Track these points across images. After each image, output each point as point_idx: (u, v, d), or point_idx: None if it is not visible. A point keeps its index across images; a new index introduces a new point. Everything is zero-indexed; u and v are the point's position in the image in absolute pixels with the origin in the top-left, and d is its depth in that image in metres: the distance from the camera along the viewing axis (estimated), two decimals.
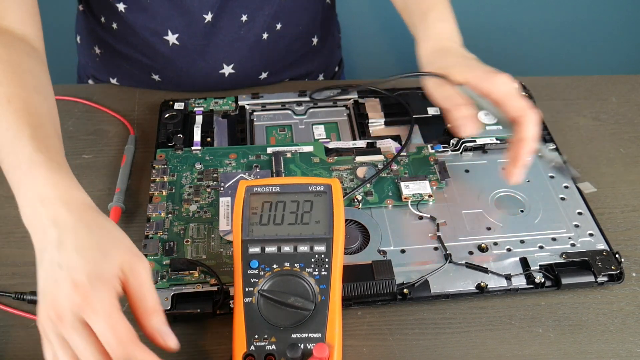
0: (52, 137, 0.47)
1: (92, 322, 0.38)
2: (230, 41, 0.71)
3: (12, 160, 0.44)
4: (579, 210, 0.58)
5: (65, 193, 0.42)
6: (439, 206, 0.58)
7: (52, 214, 0.41)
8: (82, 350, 0.38)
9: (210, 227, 0.55)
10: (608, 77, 0.76)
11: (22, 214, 0.43)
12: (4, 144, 0.45)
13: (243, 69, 0.74)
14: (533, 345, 0.49)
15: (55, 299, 0.38)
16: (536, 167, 0.62)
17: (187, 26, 0.69)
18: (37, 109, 0.48)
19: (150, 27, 0.69)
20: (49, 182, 0.42)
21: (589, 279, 0.52)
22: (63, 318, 0.38)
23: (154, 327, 0.41)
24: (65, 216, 0.41)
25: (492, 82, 0.55)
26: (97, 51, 0.76)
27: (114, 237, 0.42)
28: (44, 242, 0.41)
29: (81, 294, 0.38)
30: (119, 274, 0.40)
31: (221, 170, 0.60)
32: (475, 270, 0.52)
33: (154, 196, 0.58)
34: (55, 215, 0.41)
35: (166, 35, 0.69)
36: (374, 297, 0.50)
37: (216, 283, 0.50)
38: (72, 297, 0.38)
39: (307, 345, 0.43)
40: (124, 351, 0.37)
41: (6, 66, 0.49)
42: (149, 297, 0.41)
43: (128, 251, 0.41)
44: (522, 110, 0.53)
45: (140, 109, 0.70)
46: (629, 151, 0.67)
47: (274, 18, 0.72)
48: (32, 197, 0.42)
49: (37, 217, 0.42)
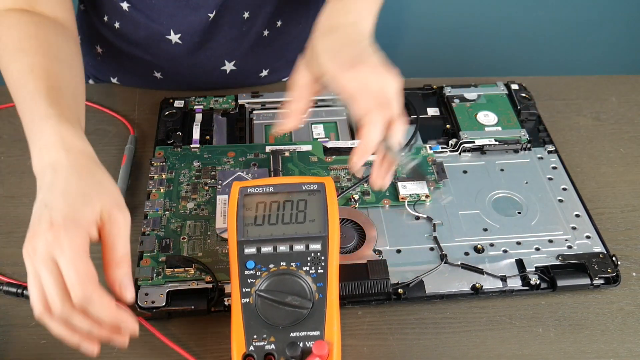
0: (67, 97, 0.50)
1: (59, 260, 0.40)
2: (232, 38, 0.72)
3: (28, 117, 0.48)
4: (577, 213, 0.58)
5: (68, 141, 0.45)
6: (435, 207, 0.58)
7: (53, 159, 0.44)
8: (46, 283, 0.40)
9: (207, 225, 0.55)
10: (608, 77, 0.76)
11: (32, 163, 0.46)
12: (23, 104, 0.49)
13: (244, 66, 0.75)
14: (533, 345, 0.49)
15: (34, 234, 0.41)
16: (534, 168, 0.62)
17: (191, 24, 0.69)
18: (57, 74, 0.51)
19: (153, 26, 0.69)
20: (54, 131, 0.45)
21: (584, 281, 0.52)
22: (36, 252, 0.40)
23: (116, 277, 0.42)
24: (63, 161, 0.44)
25: (349, 75, 0.47)
26: (99, 50, 0.76)
27: (101, 186, 0.44)
28: (41, 184, 0.44)
29: (54, 233, 0.40)
30: (96, 220, 0.42)
31: (219, 168, 0.61)
32: (470, 271, 0.52)
33: (152, 193, 0.58)
34: (55, 160, 0.44)
35: (169, 35, 0.70)
36: (368, 297, 0.50)
37: (211, 280, 0.51)
38: (46, 234, 0.40)
39: (306, 344, 0.44)
40: (82, 291, 0.40)
41: (34, 40, 0.52)
42: (120, 247, 0.43)
43: (111, 200, 0.43)
44: (365, 110, 0.47)
45: (141, 109, 0.70)
46: (629, 151, 0.66)
47: (275, 15, 0.72)
48: (40, 146, 0.45)
49: (40, 163, 0.45)
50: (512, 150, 0.64)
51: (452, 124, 0.66)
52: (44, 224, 0.41)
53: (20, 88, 0.50)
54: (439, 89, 0.70)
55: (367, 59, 0.49)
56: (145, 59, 0.74)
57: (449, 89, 0.69)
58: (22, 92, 0.49)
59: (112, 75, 0.77)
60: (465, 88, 0.70)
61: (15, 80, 0.50)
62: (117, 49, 0.74)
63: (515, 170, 0.62)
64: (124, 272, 0.43)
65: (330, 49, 0.50)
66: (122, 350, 0.48)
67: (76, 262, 0.40)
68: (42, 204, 0.42)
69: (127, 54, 0.74)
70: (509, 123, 0.65)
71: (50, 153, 0.44)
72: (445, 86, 0.70)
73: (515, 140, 0.64)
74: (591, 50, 1.27)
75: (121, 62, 0.75)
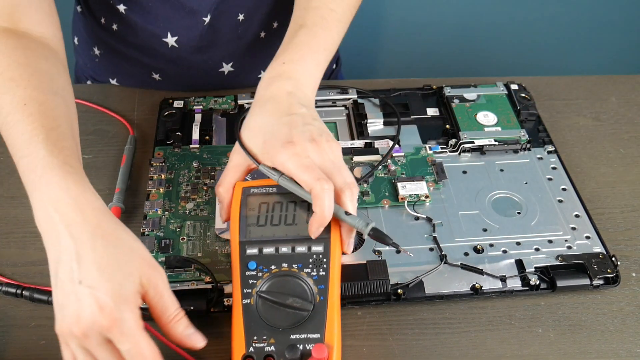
0: (68, 138, 0.47)
1: (118, 342, 0.39)
2: (228, 40, 0.72)
3: (26, 164, 0.45)
4: (577, 213, 0.58)
5: (79, 197, 0.42)
6: (435, 207, 0.58)
7: (66, 221, 0.41)
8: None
9: (207, 225, 0.55)
10: (608, 77, 0.76)
11: (36, 217, 0.43)
12: (20, 148, 0.45)
13: (242, 67, 0.75)
14: (533, 345, 0.49)
15: (79, 317, 0.39)
16: (534, 168, 0.62)
17: (187, 28, 0.69)
18: (53, 111, 0.47)
19: (149, 28, 0.70)
20: (62, 186, 0.42)
21: (584, 281, 0.52)
22: (89, 336, 0.39)
23: (181, 334, 0.43)
24: (80, 226, 0.41)
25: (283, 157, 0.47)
26: (97, 52, 0.76)
27: (131, 249, 0.42)
28: (59, 252, 0.41)
29: (107, 316, 0.39)
30: (139, 289, 0.41)
31: (219, 168, 0.61)
32: (470, 271, 0.52)
33: (151, 194, 0.58)
34: (70, 223, 0.41)
35: (165, 38, 0.70)
36: (368, 297, 0.50)
37: (210, 281, 0.51)
38: (98, 318, 0.39)
39: (306, 346, 0.44)
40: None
41: (24, 69, 0.49)
42: (170, 306, 0.43)
43: (145, 264, 0.42)
44: (308, 186, 0.46)
45: (140, 109, 0.70)
46: (629, 151, 0.66)
47: (270, 17, 0.73)
48: (46, 201, 0.42)
49: (50, 222, 0.42)
50: (511, 150, 0.64)
51: (451, 124, 0.66)
52: (89, 305, 0.39)
53: (13, 126, 0.46)
54: (439, 89, 0.70)
55: (300, 136, 0.48)
56: (143, 61, 0.74)
57: (448, 89, 0.69)
58: (14, 131, 0.46)
59: (110, 76, 0.77)
60: (465, 88, 0.70)
61: (6, 114, 0.46)
62: (115, 51, 0.74)
63: (515, 171, 0.62)
64: (185, 326, 0.43)
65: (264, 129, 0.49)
66: None
67: (137, 342, 0.40)
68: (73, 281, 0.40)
69: (125, 56, 0.74)
70: (509, 123, 0.65)
71: (61, 214, 0.42)
72: (445, 86, 0.70)
73: (514, 140, 0.64)
74: (591, 50, 1.27)
75: (119, 64, 0.75)
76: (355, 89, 0.70)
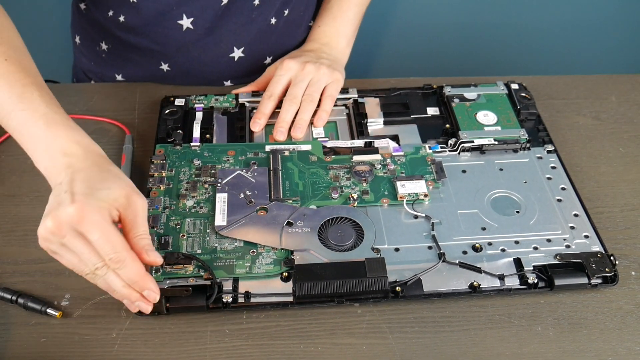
0: (54, 98, 0.51)
1: (88, 233, 0.43)
2: (242, 24, 0.73)
3: (25, 117, 0.48)
4: (575, 212, 0.58)
5: (86, 148, 0.48)
6: (434, 206, 0.58)
7: (70, 161, 0.47)
8: (83, 252, 0.44)
9: (206, 222, 0.56)
10: (608, 77, 0.76)
11: (40, 163, 0.48)
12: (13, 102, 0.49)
13: (252, 53, 0.76)
14: (532, 343, 0.49)
15: (56, 215, 0.43)
16: (533, 168, 0.62)
17: (203, 9, 0.70)
18: (32, 69, 0.52)
19: (164, 12, 0.70)
20: (70, 140, 0.48)
21: (582, 280, 0.52)
22: (62, 229, 0.43)
23: (142, 248, 0.46)
24: (81, 160, 0.47)
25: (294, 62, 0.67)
26: (104, 47, 0.76)
27: (119, 177, 0.47)
28: (59, 179, 0.46)
29: (78, 210, 0.43)
30: (116, 203, 0.45)
31: (219, 166, 0.61)
32: (468, 269, 0.53)
33: (152, 191, 0.58)
34: (73, 161, 0.47)
35: (180, 20, 0.70)
36: (366, 294, 0.51)
37: (210, 277, 0.51)
38: (70, 211, 0.43)
39: None
40: (117, 255, 0.44)
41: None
42: (140, 226, 0.46)
43: (129, 187, 0.47)
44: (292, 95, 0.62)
45: (142, 107, 0.70)
46: (629, 150, 0.67)
47: (284, 4, 0.74)
48: (55, 150, 0.47)
49: (57, 165, 0.47)
50: (511, 149, 0.64)
51: (451, 124, 0.66)
52: (66, 204, 0.43)
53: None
54: (439, 89, 0.70)
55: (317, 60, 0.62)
56: (154, 50, 0.74)
57: (448, 89, 0.69)
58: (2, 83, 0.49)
59: (117, 72, 0.77)
60: (465, 88, 0.70)
61: None
62: (123, 44, 0.74)
63: (515, 170, 0.62)
64: (148, 244, 0.47)
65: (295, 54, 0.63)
66: (124, 346, 0.48)
67: (106, 232, 0.43)
68: (60, 192, 0.44)
69: (133, 47, 0.74)
70: (509, 123, 0.65)
71: (68, 155, 0.47)
72: (445, 86, 0.70)
73: (514, 139, 0.64)
74: (591, 50, 1.27)
75: (127, 57, 0.75)
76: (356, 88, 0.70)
